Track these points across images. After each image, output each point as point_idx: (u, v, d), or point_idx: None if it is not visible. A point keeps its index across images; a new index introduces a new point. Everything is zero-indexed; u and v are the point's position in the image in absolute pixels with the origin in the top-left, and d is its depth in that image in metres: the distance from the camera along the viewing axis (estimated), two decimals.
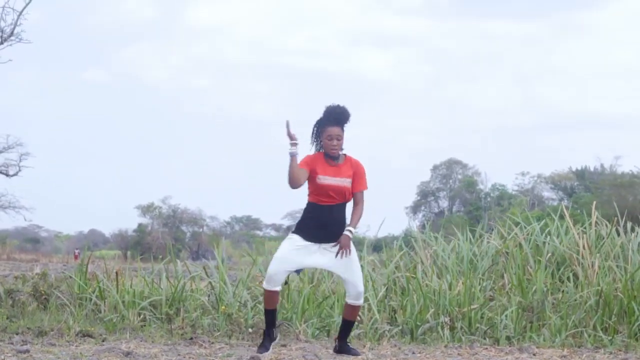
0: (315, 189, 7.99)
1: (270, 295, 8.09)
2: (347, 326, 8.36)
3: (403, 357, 8.33)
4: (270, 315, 8.24)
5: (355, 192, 8.08)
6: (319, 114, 8.11)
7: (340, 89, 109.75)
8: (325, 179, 7.97)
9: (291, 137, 7.85)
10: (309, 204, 8.10)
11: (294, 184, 7.82)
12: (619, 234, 12.76)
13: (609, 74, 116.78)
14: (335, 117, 7.99)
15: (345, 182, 8.01)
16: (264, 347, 8.21)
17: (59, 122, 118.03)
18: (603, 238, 12.70)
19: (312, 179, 7.97)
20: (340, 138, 8.00)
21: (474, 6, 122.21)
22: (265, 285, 8.06)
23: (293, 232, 8.09)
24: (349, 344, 8.48)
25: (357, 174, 8.09)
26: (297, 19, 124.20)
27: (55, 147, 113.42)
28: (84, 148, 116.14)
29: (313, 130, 8.10)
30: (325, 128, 8.00)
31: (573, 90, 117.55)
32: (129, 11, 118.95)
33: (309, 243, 7.98)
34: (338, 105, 8.02)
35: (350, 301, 8.14)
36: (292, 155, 7.83)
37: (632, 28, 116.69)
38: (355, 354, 8.27)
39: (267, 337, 8.26)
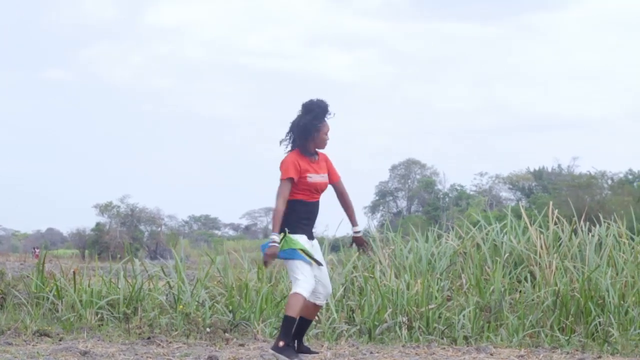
0: (306, 187, 7.84)
1: (303, 301, 7.72)
2: (307, 326, 8.27)
3: (361, 356, 8.35)
4: (295, 324, 7.85)
5: (337, 181, 8.07)
6: (295, 110, 7.94)
7: (300, 90, 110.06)
8: (314, 177, 7.86)
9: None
10: (296, 201, 7.82)
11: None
12: (576, 235, 12.83)
13: (567, 76, 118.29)
14: (328, 112, 7.92)
15: (325, 177, 7.98)
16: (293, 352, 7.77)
17: (17, 120, 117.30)
18: (560, 238, 12.78)
19: (301, 179, 7.80)
20: None
21: (433, 8, 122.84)
22: (304, 292, 7.62)
23: (290, 233, 7.72)
24: (306, 343, 8.44)
25: (330, 165, 8.06)
26: (258, 19, 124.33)
27: (12, 145, 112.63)
28: (42, 146, 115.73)
29: (305, 126, 7.86)
30: (324, 124, 7.91)
31: (531, 92, 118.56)
32: (90, 11, 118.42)
33: (309, 242, 7.86)
34: (324, 100, 7.92)
35: (319, 302, 7.96)
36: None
37: (590, 31, 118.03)
38: (315, 352, 8.19)
39: (292, 347, 7.79)
